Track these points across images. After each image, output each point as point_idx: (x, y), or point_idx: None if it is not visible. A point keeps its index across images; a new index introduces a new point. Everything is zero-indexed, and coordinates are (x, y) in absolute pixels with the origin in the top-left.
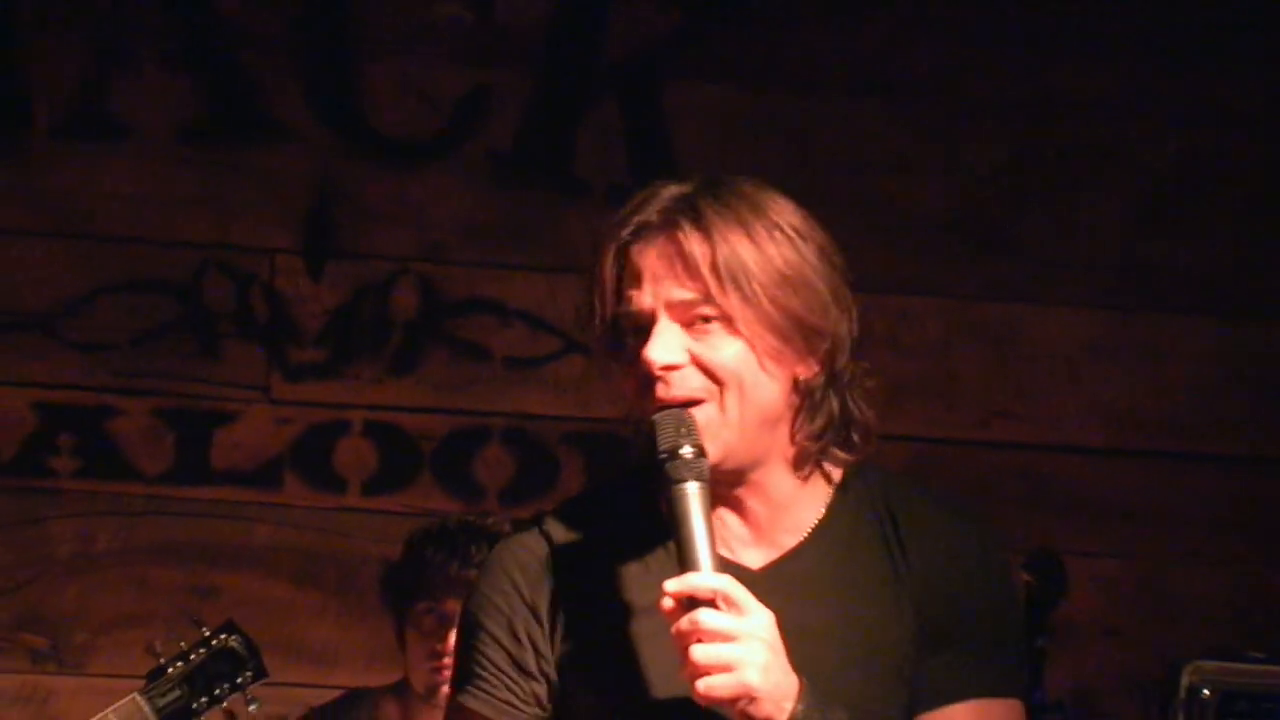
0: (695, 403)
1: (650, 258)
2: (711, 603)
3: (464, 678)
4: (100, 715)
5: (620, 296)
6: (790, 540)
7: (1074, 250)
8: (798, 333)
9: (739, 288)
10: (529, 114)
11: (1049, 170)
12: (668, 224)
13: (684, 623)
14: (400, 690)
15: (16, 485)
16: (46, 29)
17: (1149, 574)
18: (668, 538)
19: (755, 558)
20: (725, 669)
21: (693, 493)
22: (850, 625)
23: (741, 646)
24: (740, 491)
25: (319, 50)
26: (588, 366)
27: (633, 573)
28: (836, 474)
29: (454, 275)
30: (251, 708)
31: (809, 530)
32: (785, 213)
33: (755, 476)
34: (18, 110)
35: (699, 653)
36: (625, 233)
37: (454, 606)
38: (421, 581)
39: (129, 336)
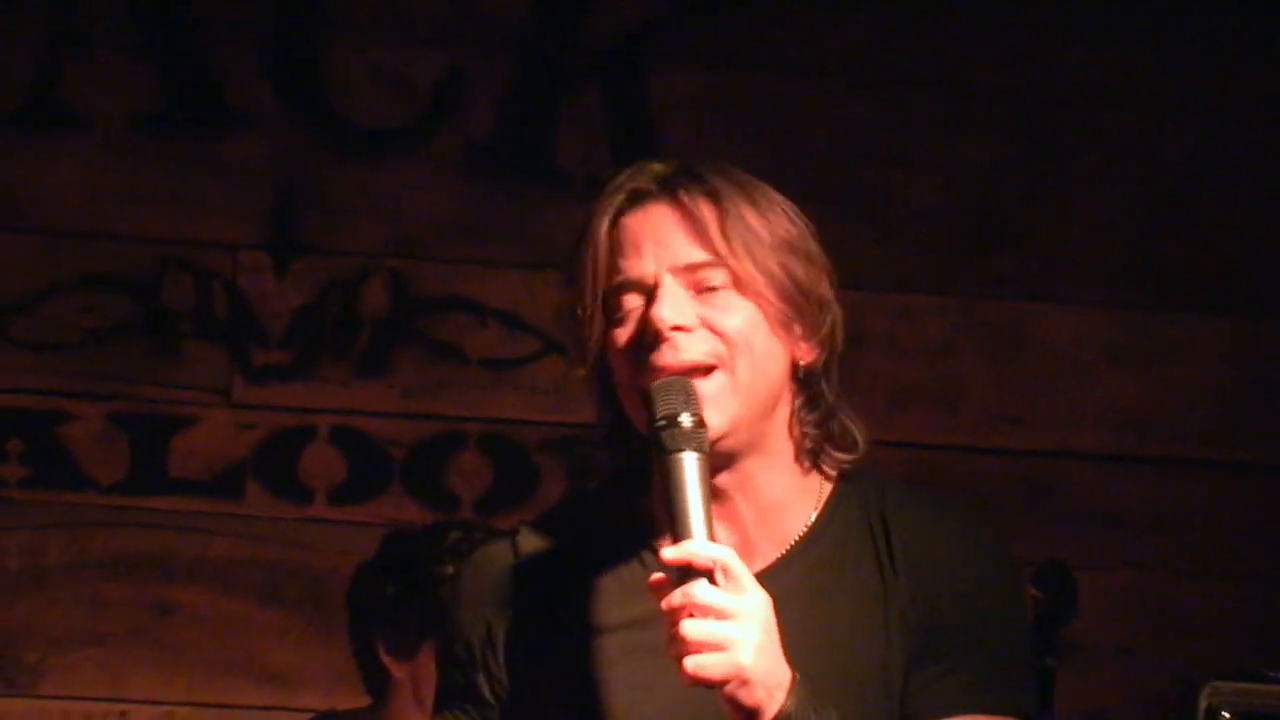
0: (703, 370)
1: (651, 223)
2: (708, 576)
3: (434, 702)
4: None
5: (614, 269)
6: (773, 551)
7: (1083, 246)
8: (805, 303)
9: (750, 251)
10: (507, 102)
11: (1056, 162)
12: (668, 190)
13: (676, 596)
14: (372, 715)
15: None
16: None
17: (1164, 588)
18: (645, 549)
19: None
20: (717, 648)
21: (690, 461)
22: (833, 645)
23: (736, 625)
24: (731, 484)
25: (285, 35)
26: (569, 368)
27: (605, 588)
28: (832, 477)
29: (427, 272)
30: None
31: (795, 539)
32: (776, 194)
33: (751, 466)
34: None
35: (691, 628)
36: (619, 200)
37: None
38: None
39: (82, 336)
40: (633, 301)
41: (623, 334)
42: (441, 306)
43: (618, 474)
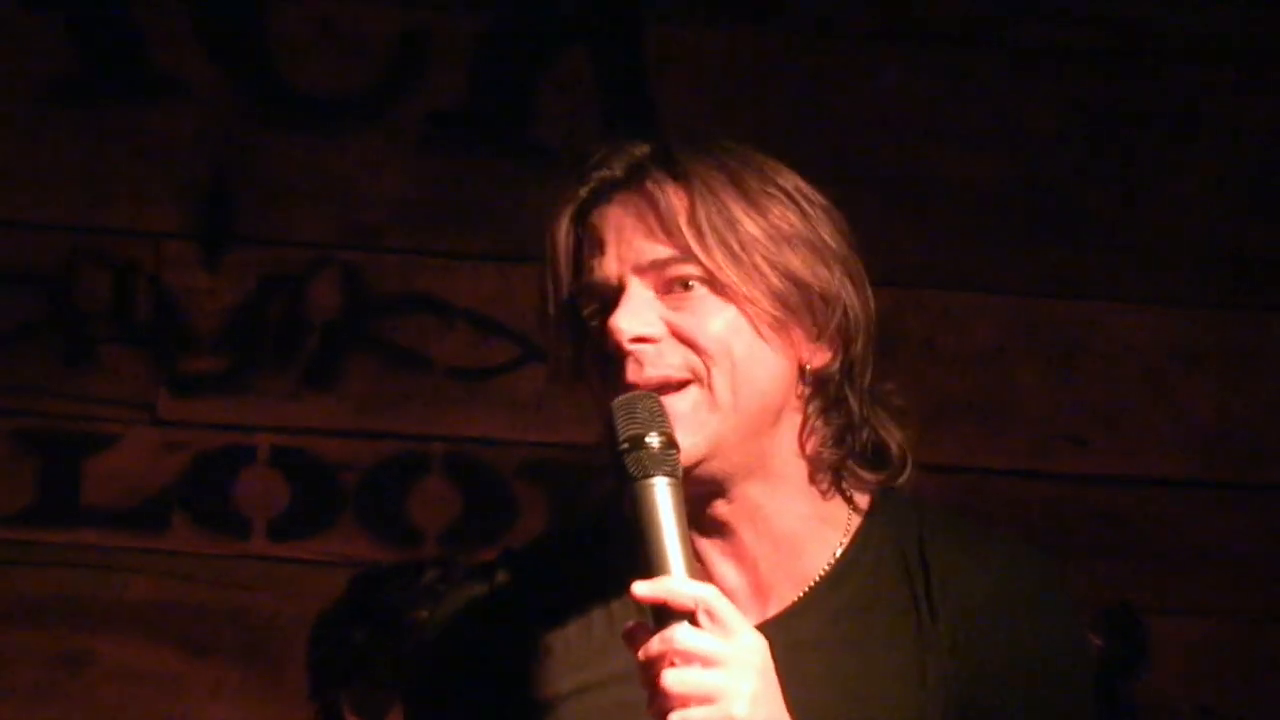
0: (675, 386)
1: (614, 217)
2: (689, 618)
3: None
4: None
5: (579, 270)
6: (792, 592)
7: (1160, 235)
8: (802, 301)
9: (724, 242)
10: (478, 64)
11: (1128, 137)
12: (635, 177)
13: (654, 643)
14: None
15: None
16: None
17: (1248, 636)
18: (624, 593)
19: (748, 614)
20: (706, 700)
21: (659, 486)
22: (860, 702)
23: (726, 672)
24: (733, 514)
25: None
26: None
27: (587, 639)
28: (862, 503)
29: (385, 265)
30: None
31: (817, 577)
32: (783, 173)
33: (754, 492)
34: None
35: (673, 679)
36: (584, 192)
37: None
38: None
39: None
40: (598, 308)
41: (590, 346)
42: (402, 305)
43: (609, 504)
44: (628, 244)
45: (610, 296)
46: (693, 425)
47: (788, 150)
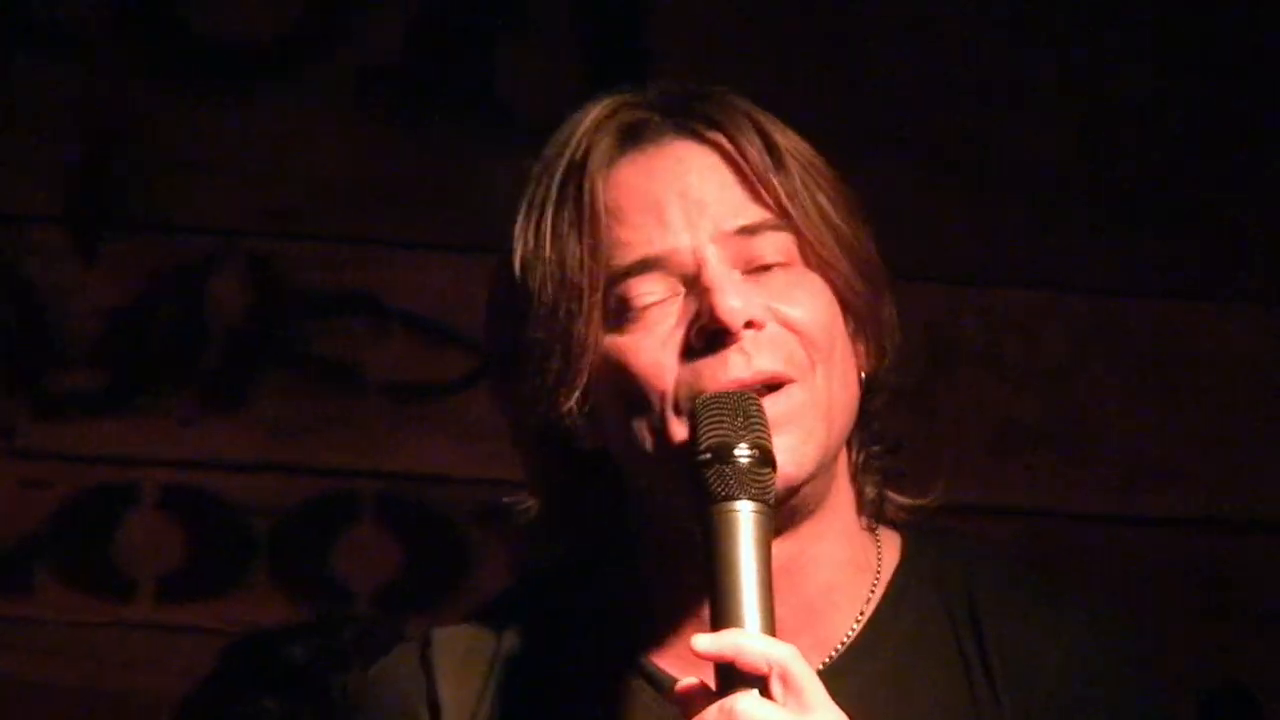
0: (773, 386)
1: (670, 174)
2: (760, 685)
3: None
4: None
5: (616, 246)
6: (815, 655)
7: (1270, 221)
8: (876, 281)
9: (817, 205)
10: (421, 7)
11: (1234, 103)
12: (687, 122)
13: (712, 713)
14: None
15: None
16: None
17: None
18: (629, 667)
19: None
20: None
21: (746, 516)
22: None
23: None
24: (775, 556)
25: None
26: (513, 407)
27: None
28: (892, 547)
29: (306, 256)
30: None
31: (846, 637)
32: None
33: (808, 530)
34: None
35: None
36: (607, 140)
37: None
38: None
39: None
40: (655, 290)
41: (642, 340)
42: (327, 307)
43: (586, 555)
44: (700, 207)
45: (679, 272)
46: (801, 433)
47: (810, 117)
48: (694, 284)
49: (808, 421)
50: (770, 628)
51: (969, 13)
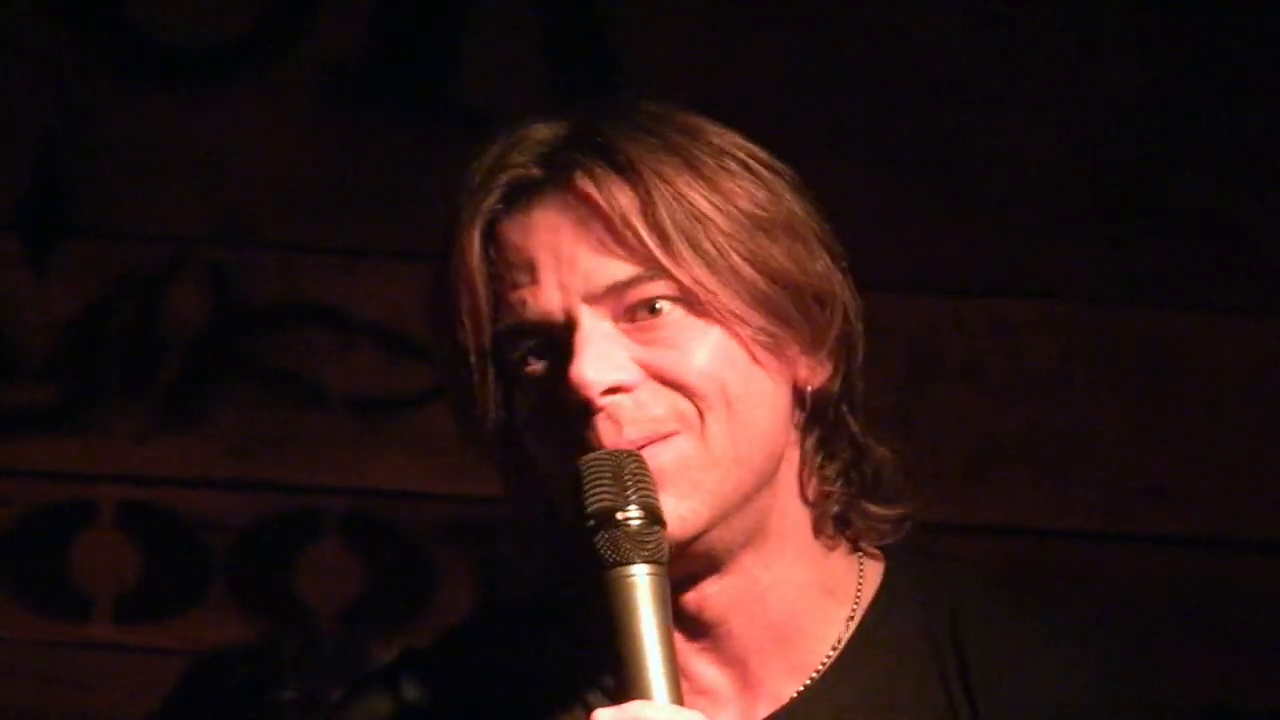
0: (659, 437)
1: (545, 232)
2: None
3: None
4: None
5: (499, 307)
6: (789, 684)
7: (1275, 226)
8: (794, 304)
9: (696, 246)
10: (385, 9)
11: (1227, 106)
12: (561, 174)
13: None
14: None
15: None
16: None
17: None
18: (595, 694)
19: (731, 717)
20: None
21: (641, 580)
22: None
23: None
24: (719, 598)
25: None
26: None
27: None
28: (873, 568)
29: (266, 265)
30: None
31: (821, 664)
32: (723, 133)
33: (749, 565)
34: None
35: None
36: (491, 200)
37: None
38: None
39: None
40: (536, 353)
41: (529, 401)
42: (288, 318)
43: (558, 580)
44: (570, 265)
45: (554, 335)
46: (685, 487)
47: (780, 118)
48: (567, 345)
49: (693, 473)
50: (676, 694)
51: (948, 6)
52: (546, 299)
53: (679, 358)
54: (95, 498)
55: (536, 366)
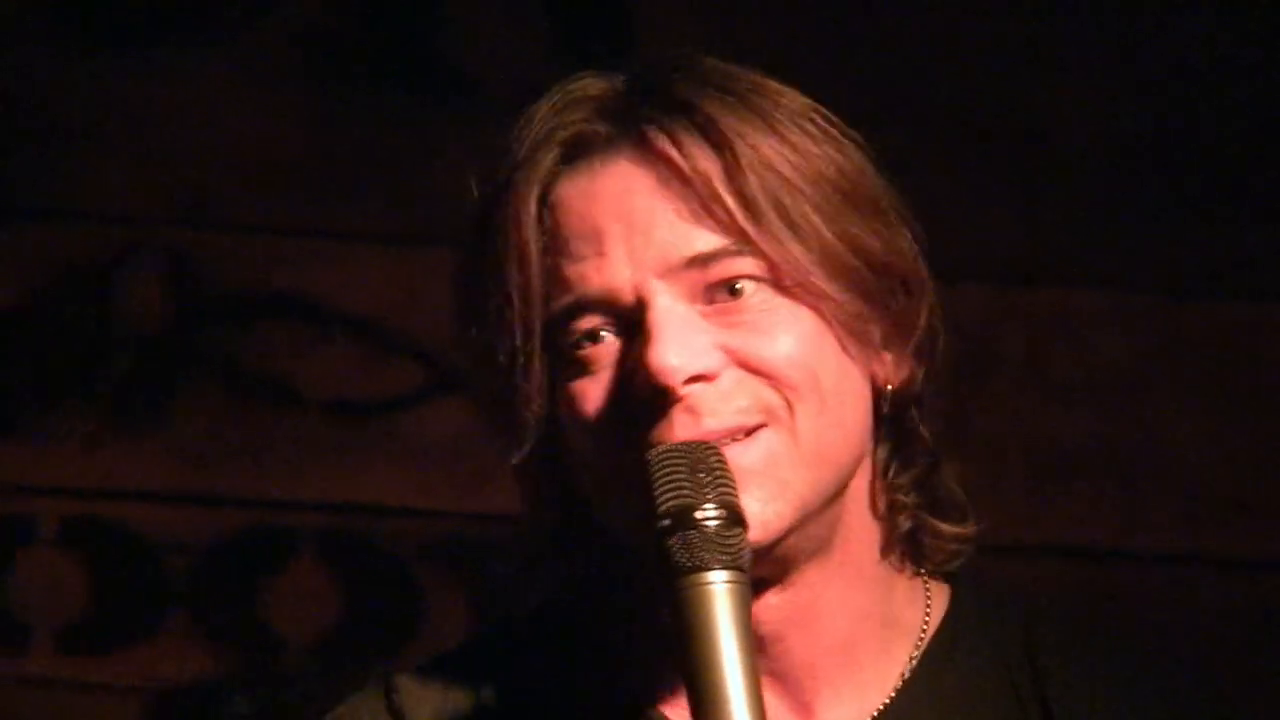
0: (743, 433)
1: (612, 195)
2: None
3: None
4: None
5: (555, 281)
6: (848, 716)
7: None
8: (880, 288)
9: (788, 220)
10: None
11: None
12: (631, 130)
13: None
14: None
15: None
16: None
17: None
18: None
19: None
20: None
21: (720, 589)
22: None
23: None
24: (779, 612)
25: None
26: (473, 417)
27: None
28: (940, 594)
29: (231, 250)
30: None
31: (886, 700)
32: (799, 98)
33: (814, 579)
34: None
35: None
36: (548, 163)
37: None
38: None
39: None
40: (597, 335)
41: (590, 390)
42: (256, 310)
43: (579, 592)
44: (645, 235)
45: (619, 315)
46: (772, 487)
47: (817, 87)
48: (639, 326)
49: (781, 471)
50: (760, 717)
51: None
52: (613, 273)
53: (766, 343)
54: (35, 512)
55: (594, 350)
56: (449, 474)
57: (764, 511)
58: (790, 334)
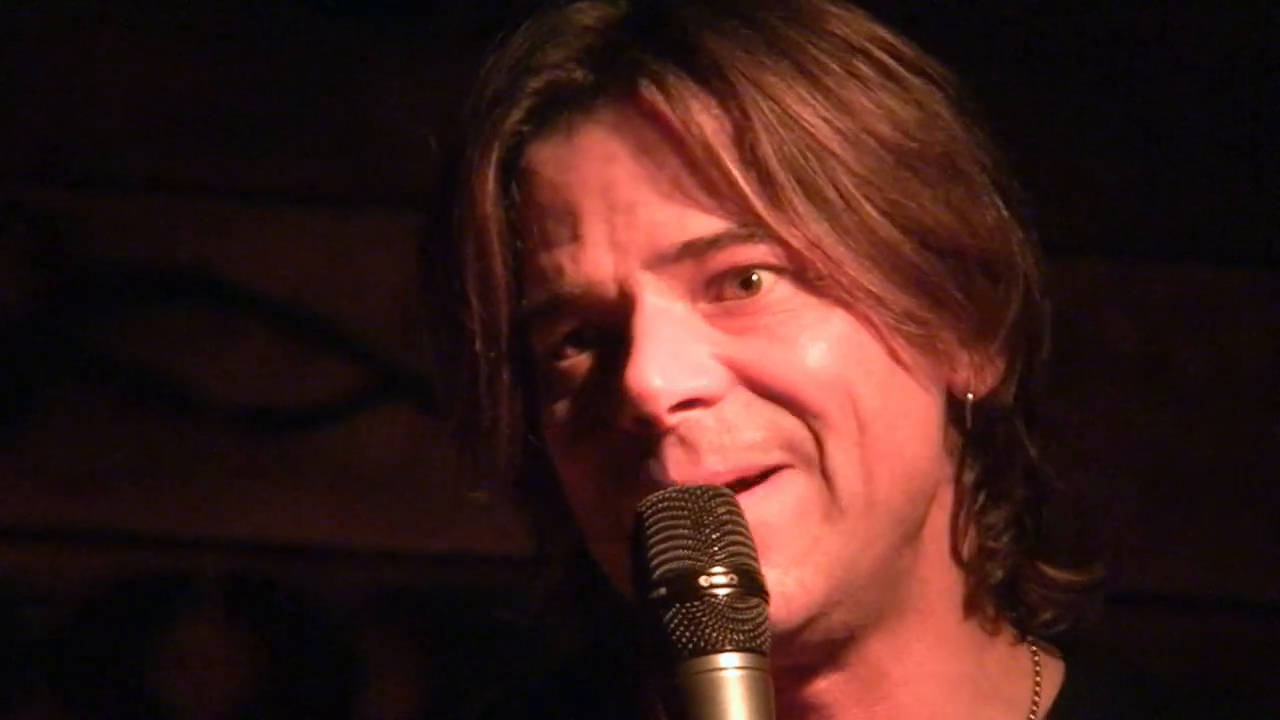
0: (757, 478)
1: (590, 163)
2: None
3: None
4: None
5: (523, 274)
6: None
7: None
8: (953, 277)
9: (814, 193)
10: None
11: None
12: (618, 79)
13: None
14: None
15: None
16: None
17: None
18: None
19: None
20: None
21: (732, 677)
22: None
23: None
24: (828, 689)
25: None
26: (423, 430)
27: None
28: (1050, 666)
29: (116, 216)
30: None
31: None
32: (858, 23)
33: (874, 650)
34: None
35: None
36: (513, 120)
37: None
38: None
39: None
40: (573, 340)
41: (571, 413)
42: (144, 290)
43: (588, 658)
44: (628, 215)
45: (601, 316)
46: (796, 550)
47: (902, 11)
48: (621, 332)
49: (809, 528)
50: None
51: None
52: (592, 263)
53: (786, 355)
54: None
55: (575, 361)
56: (391, 504)
57: (785, 581)
58: (817, 343)
